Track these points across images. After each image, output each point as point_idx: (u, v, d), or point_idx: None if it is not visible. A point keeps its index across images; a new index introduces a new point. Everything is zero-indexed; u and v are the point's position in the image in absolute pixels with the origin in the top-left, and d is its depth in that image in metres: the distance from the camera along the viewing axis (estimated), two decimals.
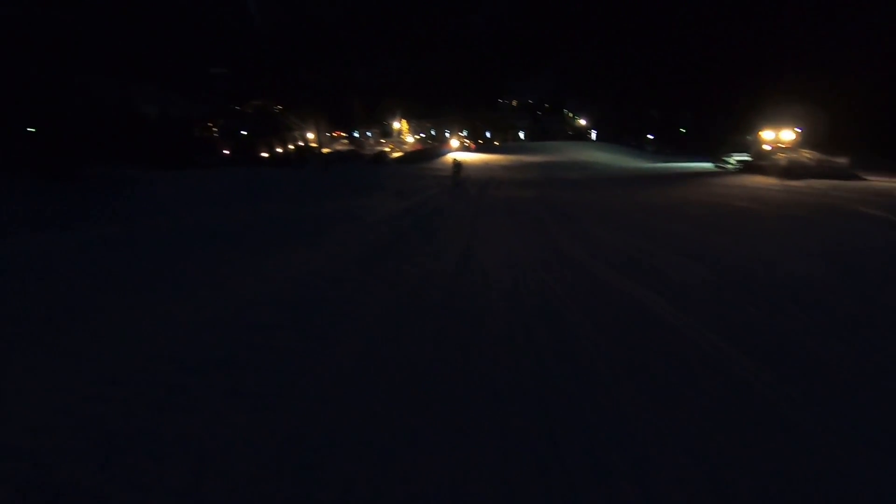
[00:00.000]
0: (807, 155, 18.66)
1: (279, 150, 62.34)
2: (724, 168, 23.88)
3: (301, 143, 63.83)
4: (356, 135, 75.12)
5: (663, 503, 2.03)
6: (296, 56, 73.63)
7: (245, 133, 64.40)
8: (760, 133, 22.00)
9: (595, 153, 43.56)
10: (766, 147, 21.22)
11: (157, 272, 6.37)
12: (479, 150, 50.19)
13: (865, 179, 16.33)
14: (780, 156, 19.39)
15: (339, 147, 66.20)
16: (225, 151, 58.00)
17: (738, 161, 22.98)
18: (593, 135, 62.85)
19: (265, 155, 59.64)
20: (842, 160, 17.76)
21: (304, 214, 12.36)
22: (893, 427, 2.54)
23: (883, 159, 20.29)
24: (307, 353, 3.62)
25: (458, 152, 44.17)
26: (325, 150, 56.96)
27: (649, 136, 53.94)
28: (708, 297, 4.78)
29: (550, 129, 66.01)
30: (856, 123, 23.06)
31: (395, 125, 74.54)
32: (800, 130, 24.35)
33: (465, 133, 66.89)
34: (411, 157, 44.31)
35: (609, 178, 23.52)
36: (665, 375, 3.16)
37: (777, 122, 21.54)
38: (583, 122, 66.80)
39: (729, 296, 4.80)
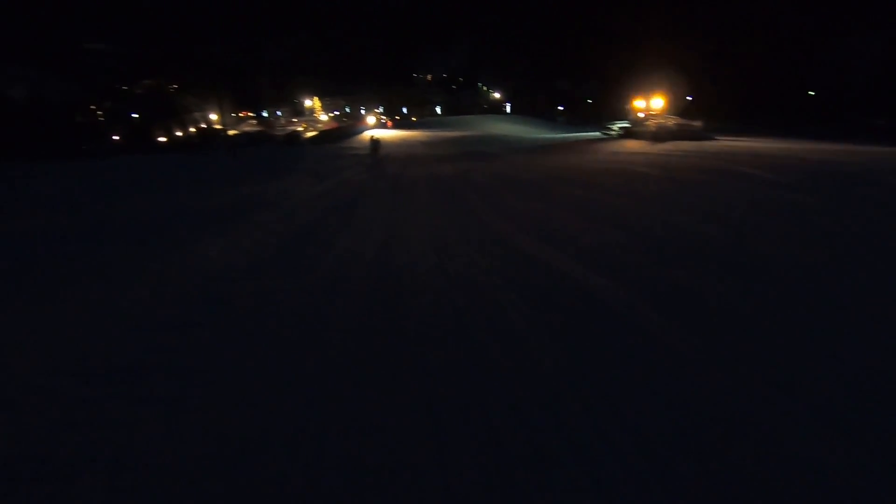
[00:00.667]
0: (671, 121, 21.26)
1: (179, 133, 57.42)
2: (608, 135, 26.02)
3: (203, 126, 59.19)
4: (265, 115, 71.03)
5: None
6: (190, 29, 67.40)
7: (137, 116, 58.37)
8: (633, 102, 24.50)
9: (509, 126, 44.68)
10: (640, 115, 23.80)
11: (57, 273, 5.79)
12: (396, 126, 49.56)
13: (716, 139, 18.94)
14: (651, 122, 21.81)
15: (247, 128, 62.27)
16: (115, 137, 52.42)
17: (620, 128, 25.25)
18: (507, 108, 64.25)
19: (163, 140, 54.69)
20: (697, 124, 20.90)
21: (214, 203, 11.63)
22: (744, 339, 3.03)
23: (726, 122, 24.49)
24: (224, 350, 3.53)
25: (375, 129, 43.33)
26: (231, 133, 53.41)
27: (559, 108, 56.02)
28: (615, 255, 5.23)
29: (466, 103, 66.55)
30: (707, 94, 28.79)
31: (308, 103, 71.42)
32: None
33: (381, 109, 65.68)
34: (327, 137, 42.74)
35: (522, 150, 24.32)
36: (566, 317, 3.48)
37: (651, 91, 24.25)
38: (497, 95, 67.94)
39: (632, 252, 5.27)
